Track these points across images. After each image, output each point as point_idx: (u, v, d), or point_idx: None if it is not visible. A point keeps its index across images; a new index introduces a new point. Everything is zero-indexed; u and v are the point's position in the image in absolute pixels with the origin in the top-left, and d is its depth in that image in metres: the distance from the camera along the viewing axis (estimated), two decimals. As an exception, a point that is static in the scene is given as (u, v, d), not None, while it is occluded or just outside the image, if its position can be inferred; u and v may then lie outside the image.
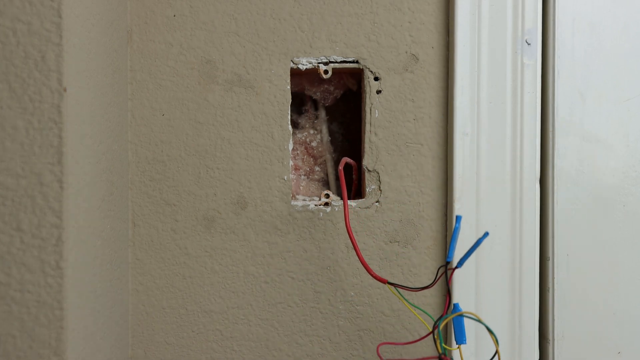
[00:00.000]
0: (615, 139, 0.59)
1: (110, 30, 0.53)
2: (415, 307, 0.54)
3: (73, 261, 0.45)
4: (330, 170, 0.63)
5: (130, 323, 0.59)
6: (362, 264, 0.51)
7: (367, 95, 0.59)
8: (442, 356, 0.46)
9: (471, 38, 0.58)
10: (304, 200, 0.61)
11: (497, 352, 0.47)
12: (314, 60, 0.59)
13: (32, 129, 0.43)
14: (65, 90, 0.43)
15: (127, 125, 0.58)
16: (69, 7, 0.43)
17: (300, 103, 0.64)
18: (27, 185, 0.43)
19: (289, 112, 0.59)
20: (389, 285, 0.50)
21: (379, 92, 0.59)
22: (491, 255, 0.58)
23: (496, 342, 0.47)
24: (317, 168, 0.63)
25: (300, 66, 0.59)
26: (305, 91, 0.63)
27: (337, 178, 0.63)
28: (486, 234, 0.45)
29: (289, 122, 0.59)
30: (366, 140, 0.60)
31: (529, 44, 0.58)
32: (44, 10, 0.43)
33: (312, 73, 0.60)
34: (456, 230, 0.47)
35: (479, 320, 0.46)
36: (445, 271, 0.49)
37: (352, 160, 0.56)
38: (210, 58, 0.59)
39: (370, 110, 0.60)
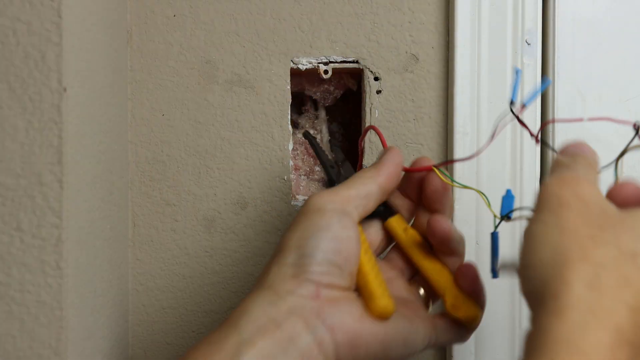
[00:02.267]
0: (615, 139, 0.59)
1: (110, 30, 0.53)
2: (462, 185, 0.50)
3: (73, 261, 0.45)
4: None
5: (130, 323, 0.59)
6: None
7: (367, 95, 0.59)
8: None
9: (471, 38, 0.58)
10: (304, 200, 0.61)
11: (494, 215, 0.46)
12: (314, 60, 0.59)
13: (32, 129, 0.43)
14: (65, 90, 0.43)
15: (127, 125, 0.58)
16: (69, 7, 0.43)
17: (300, 103, 0.64)
18: (27, 185, 0.43)
19: (289, 112, 0.59)
20: (435, 168, 0.48)
21: (379, 92, 0.59)
22: (491, 255, 0.58)
23: (488, 204, 0.47)
24: (317, 168, 0.63)
25: (300, 66, 0.59)
26: (305, 91, 0.63)
27: (337, 178, 0.63)
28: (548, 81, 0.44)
29: (289, 122, 0.59)
30: (366, 140, 0.60)
31: (529, 44, 0.58)
32: (44, 10, 0.43)
33: (312, 73, 0.60)
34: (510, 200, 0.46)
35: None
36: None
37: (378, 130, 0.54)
38: (210, 58, 0.59)
39: (370, 110, 0.60)
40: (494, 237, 0.47)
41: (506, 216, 0.45)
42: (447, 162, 0.57)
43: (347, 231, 0.44)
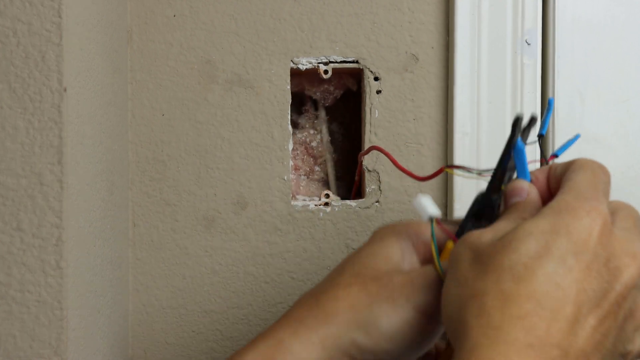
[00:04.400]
0: (614, 139, 0.59)
1: (110, 30, 0.53)
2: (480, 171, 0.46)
3: (73, 261, 0.45)
4: (330, 171, 0.63)
5: (130, 323, 0.59)
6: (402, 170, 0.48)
7: (367, 95, 0.59)
8: None
9: (471, 38, 0.58)
10: (304, 200, 0.61)
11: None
12: (314, 60, 0.59)
13: (32, 129, 0.43)
14: (65, 90, 0.43)
15: (127, 125, 0.58)
16: (69, 7, 0.43)
17: (300, 103, 0.64)
18: (27, 185, 0.43)
19: (289, 112, 0.59)
20: (448, 169, 0.45)
21: (378, 92, 0.59)
22: (491, 255, 0.58)
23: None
24: (317, 168, 0.63)
25: (300, 66, 0.59)
26: (305, 91, 0.63)
27: (337, 178, 0.64)
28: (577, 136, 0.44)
29: (289, 122, 0.59)
30: (366, 140, 0.60)
31: (529, 44, 0.58)
32: (44, 10, 0.43)
33: (312, 73, 0.60)
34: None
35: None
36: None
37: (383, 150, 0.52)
38: (210, 58, 0.59)
39: (370, 110, 0.60)
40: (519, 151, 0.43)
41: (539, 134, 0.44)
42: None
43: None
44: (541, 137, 0.47)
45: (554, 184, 0.41)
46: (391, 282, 0.41)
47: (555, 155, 0.47)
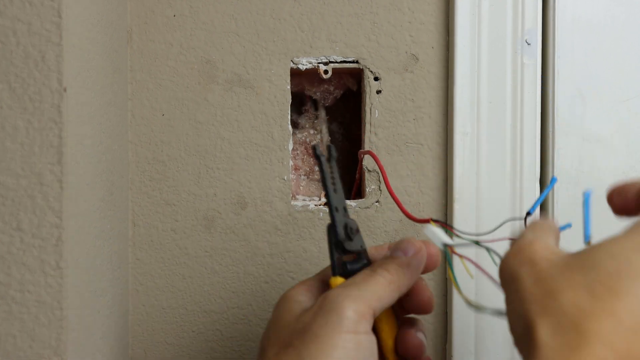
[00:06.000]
0: (615, 138, 0.59)
1: (110, 30, 0.53)
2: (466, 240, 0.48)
3: (73, 261, 0.45)
4: (330, 170, 0.63)
5: (130, 323, 0.60)
6: (401, 209, 0.49)
7: (367, 95, 0.59)
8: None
9: (471, 38, 0.58)
10: (304, 200, 0.61)
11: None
12: (314, 60, 0.59)
13: (32, 129, 0.43)
14: (65, 90, 0.43)
15: (127, 125, 0.58)
16: (69, 7, 0.43)
17: (300, 103, 0.64)
18: (27, 185, 0.43)
19: (289, 112, 0.59)
20: (433, 222, 0.46)
21: (378, 92, 0.59)
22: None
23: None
24: (317, 168, 0.63)
25: (300, 66, 0.59)
26: (305, 91, 0.63)
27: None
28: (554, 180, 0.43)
29: (289, 122, 0.59)
30: (366, 140, 0.60)
31: (529, 44, 0.58)
32: (44, 10, 0.43)
33: (312, 73, 0.60)
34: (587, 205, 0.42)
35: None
36: None
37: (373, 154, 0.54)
38: (210, 58, 0.59)
39: (370, 110, 0.60)
40: (586, 199, 0.42)
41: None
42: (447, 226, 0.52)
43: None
44: (528, 215, 0.48)
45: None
46: (305, 320, 0.42)
47: (528, 213, 0.48)
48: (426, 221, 0.47)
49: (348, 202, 0.60)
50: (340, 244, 0.46)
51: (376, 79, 0.59)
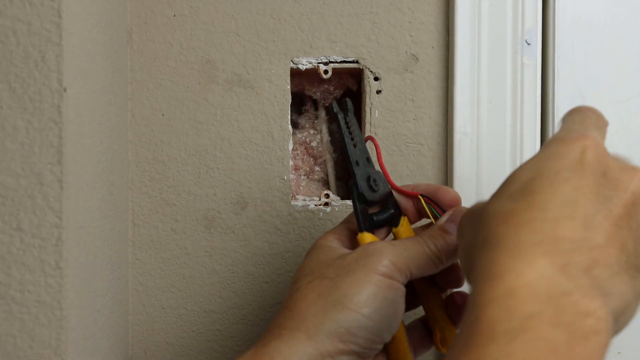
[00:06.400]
0: (615, 138, 0.59)
1: (110, 30, 0.53)
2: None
3: (73, 261, 0.45)
4: (330, 171, 0.63)
5: (130, 323, 0.60)
6: (390, 184, 0.49)
7: (367, 95, 0.59)
8: None
9: (471, 38, 0.58)
10: (304, 200, 0.61)
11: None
12: (314, 60, 0.59)
13: (32, 129, 0.43)
14: (65, 90, 0.43)
15: (127, 125, 0.58)
16: (69, 7, 0.43)
17: (300, 103, 0.64)
18: (27, 185, 0.43)
19: (289, 112, 0.59)
20: (421, 197, 0.48)
21: (378, 92, 0.59)
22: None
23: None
24: (317, 168, 0.63)
25: (300, 66, 0.59)
26: (305, 91, 0.63)
27: (337, 178, 0.63)
28: None
29: (289, 122, 0.59)
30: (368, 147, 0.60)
31: (529, 44, 0.58)
32: (44, 10, 0.43)
33: (312, 73, 0.60)
34: None
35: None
36: None
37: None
38: (210, 58, 0.59)
39: (370, 110, 0.60)
40: None
41: None
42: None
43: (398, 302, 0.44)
44: None
45: None
46: (344, 262, 0.43)
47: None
48: (415, 195, 0.48)
49: (348, 201, 0.60)
50: (362, 196, 0.47)
51: (376, 79, 0.59)
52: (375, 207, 0.48)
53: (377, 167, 0.49)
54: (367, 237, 0.47)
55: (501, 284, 0.31)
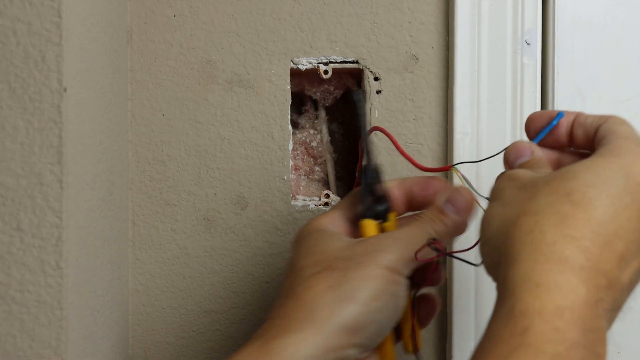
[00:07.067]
0: (615, 139, 0.59)
1: (110, 30, 0.53)
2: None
3: (73, 261, 0.45)
4: (330, 171, 0.63)
5: (130, 323, 0.60)
6: (415, 165, 0.50)
7: (367, 96, 0.59)
8: None
9: (471, 38, 0.58)
10: (304, 200, 0.61)
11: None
12: (314, 60, 0.59)
13: (32, 129, 0.43)
14: (65, 90, 0.43)
15: (127, 125, 0.58)
16: (69, 7, 0.43)
17: (300, 103, 0.64)
18: (27, 185, 0.43)
19: (289, 112, 0.59)
20: (454, 169, 0.48)
21: (378, 92, 0.59)
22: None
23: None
24: (317, 168, 0.63)
25: (300, 66, 0.59)
26: (305, 91, 0.63)
27: (337, 178, 0.64)
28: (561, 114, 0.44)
29: (289, 122, 0.59)
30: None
31: (528, 44, 0.58)
32: (44, 10, 0.43)
33: (312, 73, 0.60)
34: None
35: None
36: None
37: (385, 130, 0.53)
38: (210, 58, 0.59)
39: (370, 110, 0.60)
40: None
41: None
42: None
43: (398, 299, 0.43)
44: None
45: (580, 132, 0.42)
46: (353, 253, 0.43)
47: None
48: (447, 169, 0.49)
49: (348, 202, 0.60)
50: (370, 186, 0.48)
51: (376, 79, 0.59)
52: (373, 198, 0.49)
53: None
54: (370, 224, 0.47)
55: (549, 300, 0.32)
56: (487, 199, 0.41)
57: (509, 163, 0.44)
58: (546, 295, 0.32)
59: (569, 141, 0.43)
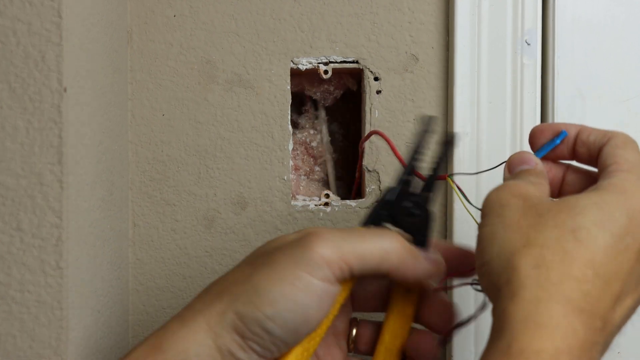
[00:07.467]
0: (615, 139, 0.59)
1: (110, 30, 0.53)
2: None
3: (73, 261, 0.45)
4: (331, 171, 0.63)
5: (130, 323, 0.59)
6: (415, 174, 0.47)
7: (367, 95, 0.60)
8: None
9: (471, 38, 0.58)
10: (304, 200, 0.61)
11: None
12: (314, 60, 0.59)
13: (32, 129, 0.43)
14: (65, 90, 0.43)
15: (127, 125, 0.58)
16: (69, 7, 0.43)
17: (300, 103, 0.64)
18: (27, 185, 0.43)
19: (289, 112, 0.59)
20: (450, 179, 0.46)
21: (378, 92, 0.59)
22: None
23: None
24: (317, 168, 0.63)
25: (300, 66, 0.59)
26: (305, 91, 0.63)
27: (337, 178, 0.64)
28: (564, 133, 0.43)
29: (289, 122, 0.59)
30: (367, 141, 0.60)
31: (528, 44, 0.58)
32: (44, 10, 0.43)
33: (312, 73, 0.60)
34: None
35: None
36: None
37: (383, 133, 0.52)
38: (210, 58, 0.59)
39: (370, 110, 0.60)
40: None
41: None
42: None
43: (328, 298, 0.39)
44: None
45: (583, 150, 0.42)
46: (274, 247, 0.40)
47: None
48: (443, 178, 0.46)
49: (348, 201, 0.60)
50: (387, 204, 0.44)
51: (376, 79, 0.59)
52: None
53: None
54: None
55: (549, 342, 0.32)
56: (485, 212, 0.40)
57: (511, 168, 0.43)
58: (546, 336, 0.32)
59: (571, 156, 0.44)
